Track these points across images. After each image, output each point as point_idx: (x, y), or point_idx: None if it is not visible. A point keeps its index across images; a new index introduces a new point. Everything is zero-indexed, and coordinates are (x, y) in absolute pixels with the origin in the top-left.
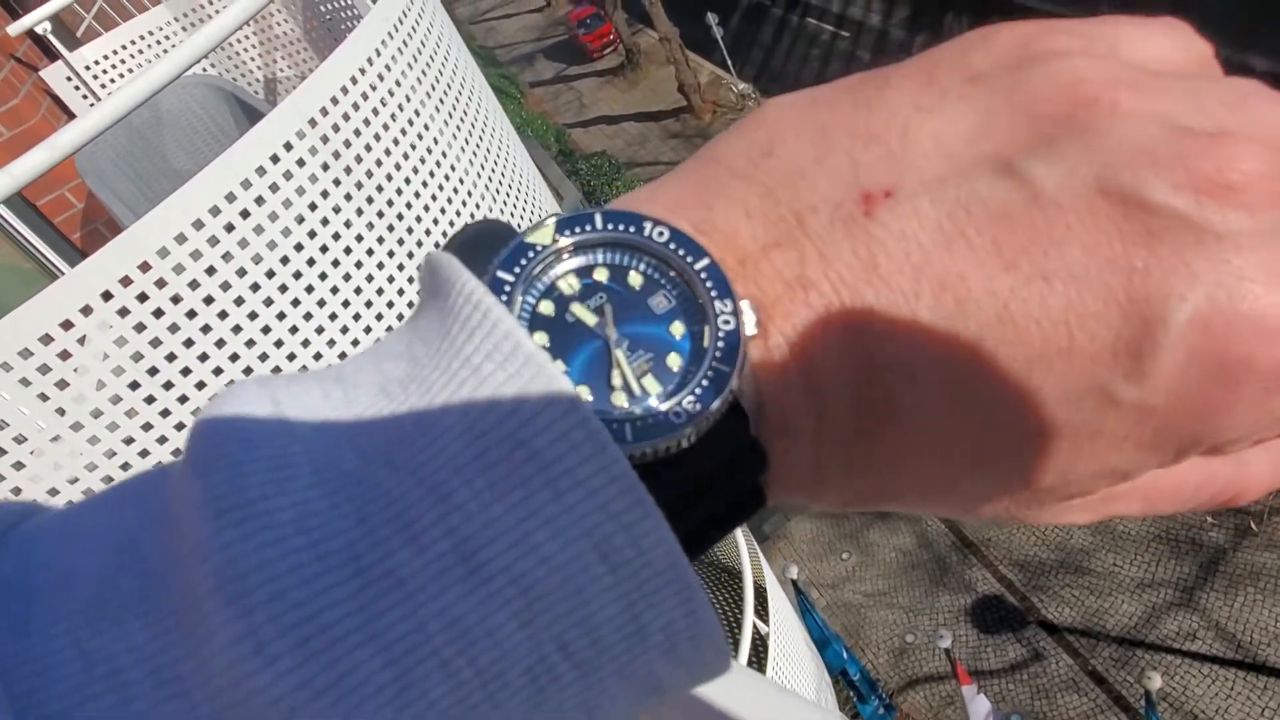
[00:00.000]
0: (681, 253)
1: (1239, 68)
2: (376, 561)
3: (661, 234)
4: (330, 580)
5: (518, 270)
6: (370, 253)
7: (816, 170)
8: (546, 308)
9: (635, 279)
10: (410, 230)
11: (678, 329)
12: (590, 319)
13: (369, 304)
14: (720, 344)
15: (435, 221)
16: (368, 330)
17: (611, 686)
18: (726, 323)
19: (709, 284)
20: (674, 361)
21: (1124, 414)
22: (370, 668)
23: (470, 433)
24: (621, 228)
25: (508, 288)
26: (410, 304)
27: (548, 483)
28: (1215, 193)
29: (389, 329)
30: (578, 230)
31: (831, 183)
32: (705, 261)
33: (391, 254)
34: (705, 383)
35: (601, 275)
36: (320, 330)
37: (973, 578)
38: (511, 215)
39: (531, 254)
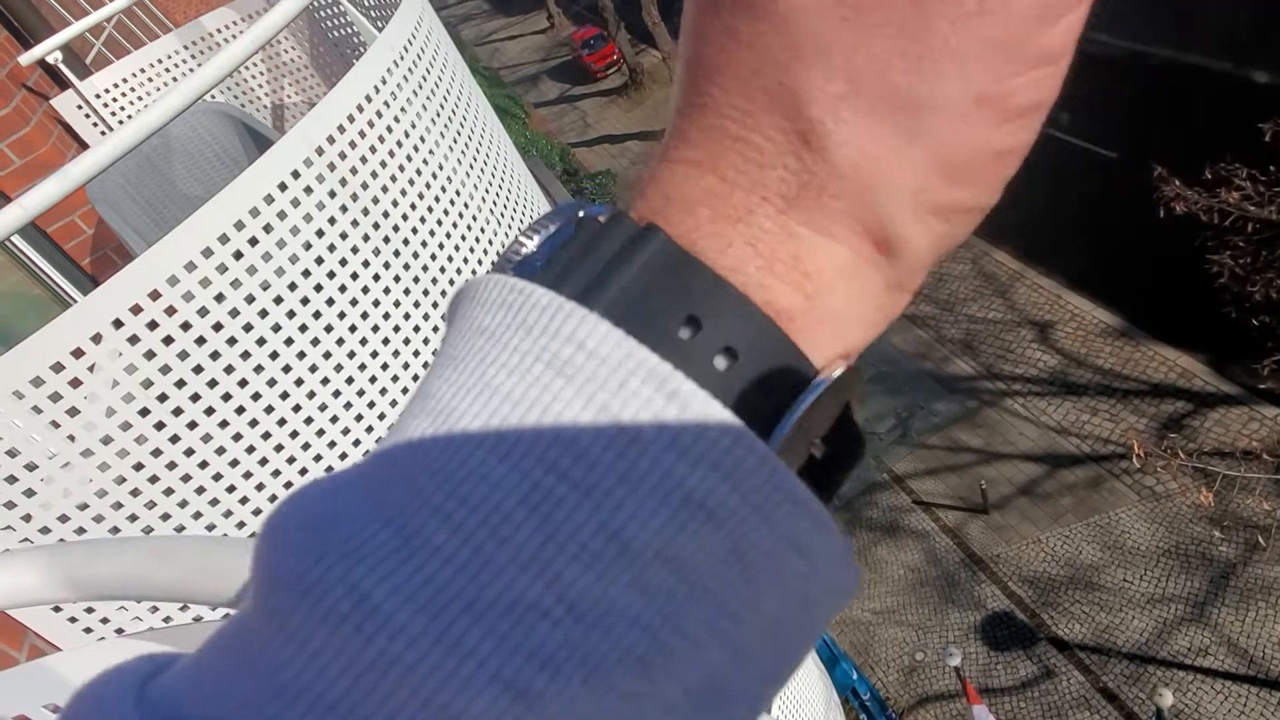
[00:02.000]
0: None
1: (1242, 82)
2: (372, 458)
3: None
4: (340, 482)
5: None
6: (376, 278)
7: None
8: None
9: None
10: (416, 255)
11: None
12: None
13: (375, 328)
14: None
15: (440, 246)
16: (374, 355)
17: (626, 499)
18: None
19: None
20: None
21: None
22: (371, 529)
23: (443, 342)
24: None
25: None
26: (416, 328)
27: (491, 336)
28: None
29: (394, 353)
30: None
31: None
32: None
33: (397, 279)
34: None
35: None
36: (328, 355)
37: (982, 594)
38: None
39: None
